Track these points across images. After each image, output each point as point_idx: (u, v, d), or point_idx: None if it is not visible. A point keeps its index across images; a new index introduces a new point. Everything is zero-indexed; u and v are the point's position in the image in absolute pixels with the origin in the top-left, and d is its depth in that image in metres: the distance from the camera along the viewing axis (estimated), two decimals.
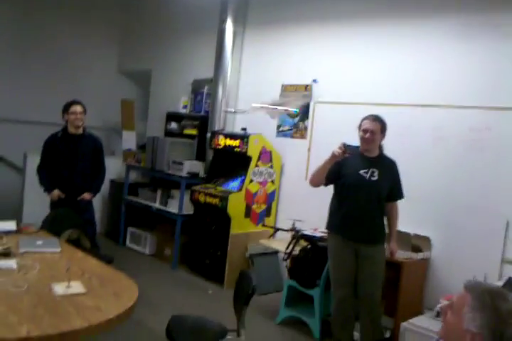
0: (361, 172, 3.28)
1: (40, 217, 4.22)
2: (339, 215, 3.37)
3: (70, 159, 4.17)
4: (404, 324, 3.14)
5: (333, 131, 4.60)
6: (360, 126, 3.32)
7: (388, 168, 3.36)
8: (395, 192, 3.39)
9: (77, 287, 2.32)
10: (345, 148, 3.15)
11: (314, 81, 4.80)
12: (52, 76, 6.48)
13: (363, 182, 3.26)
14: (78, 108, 4.19)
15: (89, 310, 2.09)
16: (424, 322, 3.09)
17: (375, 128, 3.25)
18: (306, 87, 4.86)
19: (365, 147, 3.31)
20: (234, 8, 5.26)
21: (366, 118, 3.31)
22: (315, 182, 3.42)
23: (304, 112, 4.88)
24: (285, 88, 5.07)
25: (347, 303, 3.38)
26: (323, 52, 4.74)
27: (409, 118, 4.03)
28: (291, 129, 5.01)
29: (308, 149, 4.82)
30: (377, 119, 3.29)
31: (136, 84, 7.38)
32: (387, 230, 3.43)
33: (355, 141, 3.37)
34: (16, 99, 6.11)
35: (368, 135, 3.25)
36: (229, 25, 5.26)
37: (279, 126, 5.11)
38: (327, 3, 4.68)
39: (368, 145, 3.29)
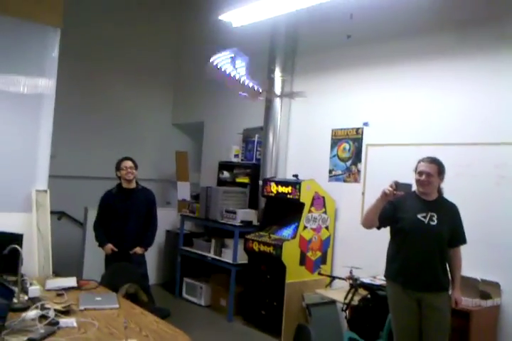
0: (419, 216, 3.13)
1: (100, 271, 4.33)
2: (397, 262, 3.20)
3: (124, 213, 4.30)
4: None
5: (387, 173, 4.48)
6: (416, 168, 3.20)
7: (448, 212, 3.19)
8: (457, 237, 3.19)
9: None
10: (397, 186, 3.04)
11: (365, 124, 4.77)
12: (111, 132, 6.81)
13: (422, 227, 3.10)
14: (128, 163, 4.39)
15: None
16: None
17: (432, 170, 3.12)
18: (357, 131, 4.84)
19: (421, 190, 3.17)
20: (282, 56, 5.40)
21: (422, 160, 3.19)
22: (367, 224, 3.29)
23: (356, 155, 4.84)
24: (335, 133, 5.06)
25: None
26: (372, 95, 4.72)
27: (467, 157, 3.89)
28: (343, 173, 4.96)
29: (363, 193, 4.72)
30: (433, 161, 3.16)
31: (189, 136, 7.61)
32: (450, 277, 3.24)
33: (410, 182, 3.27)
34: (75, 156, 6.42)
35: (423, 177, 3.13)
36: (277, 74, 5.38)
37: (331, 171, 5.07)
38: (372, 47, 4.70)
39: (425, 188, 3.15)
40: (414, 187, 3.20)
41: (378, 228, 3.30)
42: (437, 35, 4.23)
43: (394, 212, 3.19)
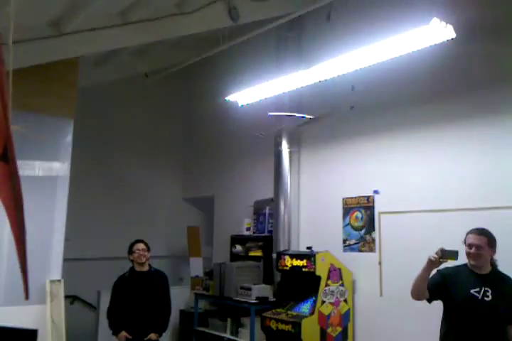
0: (472, 291, 2.95)
1: None
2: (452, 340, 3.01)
3: (138, 298, 4.20)
4: None
5: (404, 241, 4.42)
6: (465, 240, 3.06)
7: (504, 286, 3.00)
8: None
9: None
10: (442, 253, 2.93)
11: (375, 192, 4.75)
12: (122, 211, 6.82)
13: (476, 303, 2.92)
14: (141, 245, 4.37)
15: None
16: None
17: (481, 242, 2.98)
18: (368, 199, 4.81)
19: (472, 263, 3.02)
20: (288, 129, 5.51)
21: (471, 232, 3.06)
22: (415, 294, 3.11)
23: (369, 224, 4.77)
24: (346, 201, 5.04)
25: None
26: (380, 163, 4.75)
27: (480, 221, 3.82)
28: (358, 243, 4.86)
29: (379, 262, 4.60)
30: (483, 233, 3.02)
31: (200, 210, 7.61)
32: None
33: (423, 247, 3.17)
34: (88, 238, 6.35)
35: (473, 250, 2.99)
36: (284, 147, 5.47)
37: (345, 240, 4.98)
38: (375, 116, 4.80)
39: (476, 261, 3.00)
40: (463, 257, 3.05)
41: (429, 301, 3.14)
42: (440, 103, 4.32)
43: (445, 284, 3.05)
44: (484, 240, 2.99)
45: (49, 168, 4.52)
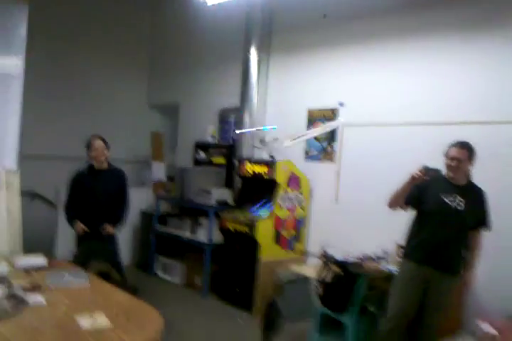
0: (445, 199, 3.12)
1: (71, 251, 4.29)
2: (416, 240, 3.22)
3: (96, 194, 4.22)
4: None
5: (362, 152, 4.54)
6: (446, 152, 3.15)
7: (476, 198, 3.18)
8: (481, 221, 3.19)
9: (102, 321, 2.29)
10: (426, 170, 3.04)
11: (340, 104, 4.77)
12: (84, 112, 6.67)
13: (448, 210, 3.10)
14: (100, 143, 4.26)
15: None
16: None
17: (462, 156, 3.07)
18: (333, 111, 4.84)
19: (451, 175, 3.15)
20: (258, 36, 5.34)
21: (454, 145, 3.13)
22: (393, 205, 3.27)
23: (332, 135, 4.84)
24: (311, 113, 5.05)
25: (399, 333, 3.23)
26: (348, 75, 4.72)
27: (444, 136, 3.93)
28: (319, 153, 4.97)
29: (338, 173, 4.75)
30: (465, 147, 3.10)
31: (165, 117, 7.52)
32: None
33: (380, 160, 3.26)
34: (47, 136, 6.27)
35: (454, 163, 3.09)
36: (253, 54, 5.32)
37: (307, 151, 5.07)
38: (349, 25, 4.69)
39: (455, 173, 3.13)
40: (443, 172, 3.19)
41: (405, 209, 3.30)
42: (412, 14, 4.22)
43: (420, 193, 3.19)
44: (466, 154, 3.08)
45: (2, 64, 4.26)
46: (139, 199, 6.22)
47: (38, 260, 3.22)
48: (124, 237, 5.85)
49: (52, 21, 6.19)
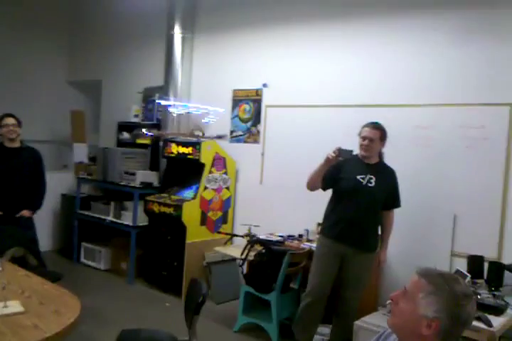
0: (358, 177, 3.24)
1: None
2: (332, 219, 3.33)
3: (8, 174, 4.00)
4: (357, 323, 3.13)
5: (286, 134, 4.61)
6: (360, 133, 3.28)
7: (386, 176, 3.33)
8: (392, 200, 3.36)
9: (14, 306, 2.19)
10: (339, 152, 3.11)
11: (264, 85, 4.79)
12: None
13: (359, 187, 3.23)
14: (11, 120, 4.04)
15: (26, 330, 1.97)
16: (376, 320, 3.08)
17: (374, 136, 3.22)
18: (257, 92, 4.85)
19: (363, 154, 3.28)
20: (181, 14, 5.20)
21: (366, 125, 3.27)
22: (310, 186, 3.36)
23: (256, 116, 4.87)
24: (236, 93, 5.04)
25: (318, 306, 3.35)
26: (272, 56, 4.73)
27: (360, 117, 4.05)
28: (244, 134, 4.98)
29: (262, 154, 4.80)
30: (377, 127, 3.25)
31: (86, 95, 7.20)
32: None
33: (302, 141, 3.33)
34: None
35: (366, 142, 3.23)
36: (177, 31, 5.19)
37: (232, 132, 5.07)
38: (274, 6, 4.68)
39: (366, 152, 3.26)
40: (356, 152, 3.30)
41: (323, 189, 3.38)
42: None
43: (336, 173, 3.28)
44: (378, 134, 3.24)
45: None
46: (60, 182, 5.99)
47: None
48: (44, 222, 5.62)
49: None
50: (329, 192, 3.43)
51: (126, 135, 5.87)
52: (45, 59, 6.81)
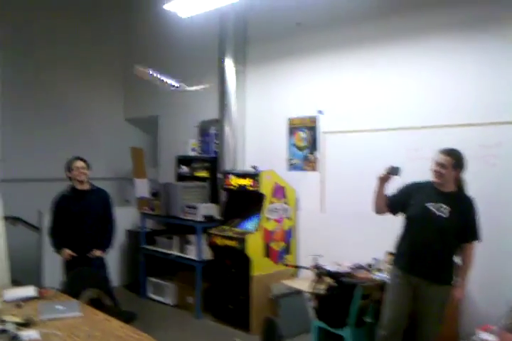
0: (427, 205, 3.09)
1: (60, 277, 4.19)
2: (402, 248, 3.20)
3: (80, 216, 4.14)
4: None
5: (345, 159, 4.54)
6: (434, 158, 3.14)
7: (462, 206, 3.11)
8: (468, 232, 3.13)
9: None
10: (390, 170, 3.06)
11: (320, 112, 4.77)
12: (60, 130, 6.56)
13: (428, 215, 3.07)
14: (80, 163, 4.20)
15: None
16: None
17: (446, 162, 3.06)
18: (312, 119, 4.84)
19: (434, 180, 3.14)
20: (232, 47, 5.30)
21: (440, 151, 3.13)
22: (375, 209, 3.31)
23: (313, 144, 4.85)
24: (291, 121, 5.05)
25: (394, 340, 3.21)
26: (326, 83, 4.70)
27: (422, 140, 3.96)
28: (301, 162, 4.96)
29: (321, 181, 4.76)
30: (450, 153, 3.09)
31: (144, 131, 7.44)
32: None
33: (364, 166, 3.26)
34: (25, 158, 6.14)
35: (437, 168, 3.09)
36: (229, 64, 5.28)
37: (289, 160, 5.06)
38: (324, 33, 4.68)
39: (437, 179, 3.11)
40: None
41: (392, 213, 3.31)
42: (387, 19, 4.23)
43: (406, 198, 3.20)
44: (450, 161, 3.07)
45: None
46: (124, 218, 6.11)
47: (28, 291, 3.14)
48: (111, 258, 5.74)
49: (26, 39, 6.09)
50: (399, 218, 3.32)
51: (184, 168, 5.99)
52: (103, 99, 7.13)
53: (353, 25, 4.47)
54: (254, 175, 4.79)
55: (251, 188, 4.79)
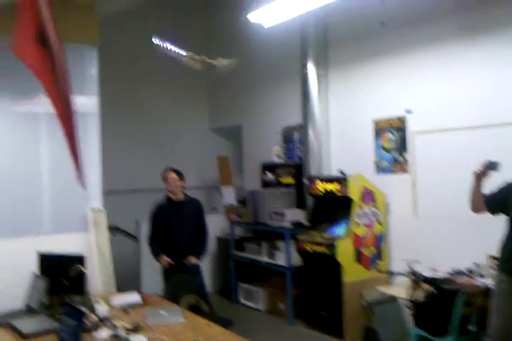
0: None
1: (158, 283, 4.38)
2: (507, 253, 3.00)
3: (176, 226, 4.32)
4: None
5: (438, 160, 4.34)
6: None
7: None
8: None
9: None
10: (488, 165, 2.91)
11: (408, 111, 4.61)
12: (152, 143, 6.86)
13: None
14: (173, 175, 4.39)
15: None
16: None
17: None
18: (400, 119, 4.70)
19: None
20: (314, 51, 5.29)
21: None
22: (472, 207, 3.14)
23: (402, 145, 4.70)
24: (377, 123, 4.94)
25: None
26: (412, 81, 4.56)
27: None
28: (390, 164, 4.83)
29: (413, 183, 4.60)
30: None
31: (228, 140, 7.60)
32: None
33: (459, 166, 3.09)
34: (122, 170, 6.44)
35: None
36: (311, 69, 5.27)
37: (377, 163, 4.95)
38: (408, 31, 4.54)
39: None
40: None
41: (492, 213, 3.11)
42: (474, 14, 4.04)
43: (507, 197, 2.99)
44: None
45: (78, 103, 4.44)
46: (213, 226, 6.25)
47: (134, 297, 3.28)
48: (204, 264, 5.91)
49: (119, 60, 6.44)
50: (501, 219, 3.12)
51: (270, 175, 6.04)
52: (188, 110, 7.37)
53: (437, 22, 4.30)
54: (341, 180, 4.72)
55: (338, 193, 4.73)
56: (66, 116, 1.64)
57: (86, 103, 4.44)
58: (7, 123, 4.28)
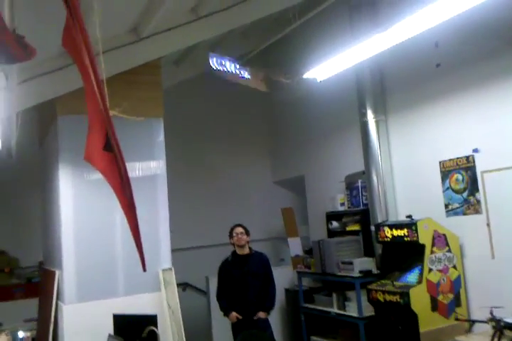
0: None
1: (230, 339, 4.33)
2: None
3: (243, 280, 4.37)
4: None
5: (509, 198, 4.14)
6: None
7: None
8: None
9: None
10: None
11: (475, 150, 4.47)
12: (218, 200, 7.07)
13: None
14: (239, 229, 4.56)
15: None
16: None
17: None
18: (468, 158, 4.55)
19: None
20: (371, 98, 5.34)
21: None
22: None
23: (472, 185, 4.51)
24: (443, 164, 4.80)
25: None
26: (475, 120, 4.46)
27: None
28: (461, 206, 4.62)
29: (488, 224, 4.34)
30: None
31: (291, 191, 7.65)
32: None
33: None
34: (190, 228, 6.57)
35: None
36: (370, 116, 5.30)
37: (447, 205, 4.75)
38: (464, 71, 4.52)
39: None
40: None
41: None
42: None
43: None
44: None
45: (147, 168, 4.76)
46: (281, 277, 6.17)
47: None
48: (272, 318, 5.77)
49: (180, 127, 6.82)
50: None
51: (335, 224, 5.94)
52: (252, 166, 7.57)
53: (497, 57, 4.26)
54: (410, 225, 4.55)
55: (407, 239, 4.55)
56: (130, 213, 1.87)
57: (155, 166, 4.75)
58: (90, 190, 4.51)
